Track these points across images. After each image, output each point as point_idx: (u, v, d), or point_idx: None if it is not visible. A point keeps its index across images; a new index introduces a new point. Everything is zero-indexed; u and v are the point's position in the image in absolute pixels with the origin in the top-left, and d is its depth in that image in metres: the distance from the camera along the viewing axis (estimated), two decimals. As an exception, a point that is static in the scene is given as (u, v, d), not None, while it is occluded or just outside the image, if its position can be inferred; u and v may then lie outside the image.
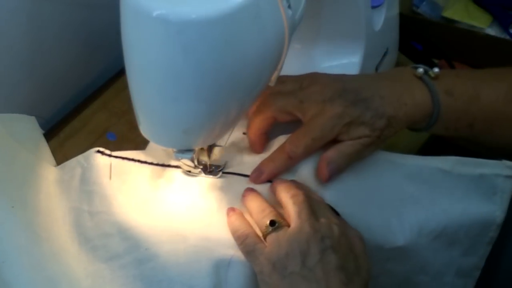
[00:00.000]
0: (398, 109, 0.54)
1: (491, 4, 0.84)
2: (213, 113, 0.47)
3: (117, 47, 0.45)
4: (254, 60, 0.45)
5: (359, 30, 0.66)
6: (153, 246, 0.50)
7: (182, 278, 0.48)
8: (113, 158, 0.57)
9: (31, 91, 0.66)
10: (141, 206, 0.55)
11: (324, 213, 0.50)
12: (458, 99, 0.55)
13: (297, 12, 0.47)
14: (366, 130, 0.53)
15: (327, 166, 0.53)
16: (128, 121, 0.67)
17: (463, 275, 0.57)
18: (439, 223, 0.55)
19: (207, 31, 0.40)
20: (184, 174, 0.57)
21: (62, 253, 0.52)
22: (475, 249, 0.57)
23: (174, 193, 0.56)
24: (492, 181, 0.56)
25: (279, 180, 0.54)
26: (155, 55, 0.42)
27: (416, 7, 0.86)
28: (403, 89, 0.55)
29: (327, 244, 0.47)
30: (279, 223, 0.49)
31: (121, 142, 0.64)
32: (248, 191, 0.54)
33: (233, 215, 0.52)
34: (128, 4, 0.41)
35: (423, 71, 0.56)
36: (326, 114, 0.53)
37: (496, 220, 0.56)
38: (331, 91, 0.54)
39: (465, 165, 0.57)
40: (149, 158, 0.58)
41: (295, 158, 0.54)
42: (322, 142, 0.54)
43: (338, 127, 0.53)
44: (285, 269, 0.46)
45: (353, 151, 0.54)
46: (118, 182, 0.56)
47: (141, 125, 0.50)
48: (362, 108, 0.53)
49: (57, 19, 0.64)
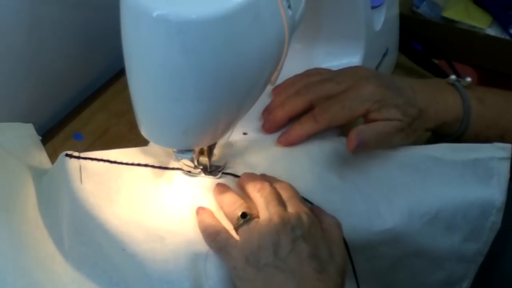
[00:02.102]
0: (429, 104, 0.55)
1: (491, 4, 0.84)
2: (213, 113, 0.47)
3: (117, 47, 0.45)
4: (254, 60, 0.45)
5: (359, 30, 0.66)
6: (129, 246, 0.50)
7: (160, 275, 0.48)
8: (82, 160, 0.54)
9: (31, 92, 0.66)
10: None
11: (293, 202, 0.50)
12: (489, 108, 0.57)
13: (297, 12, 0.47)
14: (398, 113, 0.55)
15: (357, 136, 0.54)
16: (128, 121, 0.67)
17: (465, 260, 0.57)
18: (431, 207, 0.55)
19: (207, 31, 0.40)
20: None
21: (48, 259, 0.52)
22: (477, 234, 0.56)
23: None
24: (487, 164, 0.56)
25: (245, 174, 0.54)
26: (155, 55, 0.42)
27: (416, 7, 0.86)
28: (435, 90, 0.57)
29: (297, 234, 0.47)
30: (250, 215, 0.49)
31: (121, 142, 0.64)
32: (218, 185, 0.54)
33: (203, 213, 0.52)
34: (128, 4, 0.41)
35: (455, 78, 0.58)
36: (359, 88, 0.56)
37: (495, 204, 0.55)
38: (367, 72, 0.57)
39: (457, 151, 0.57)
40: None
41: (321, 122, 0.56)
42: (350, 113, 0.55)
43: (369, 103, 0.55)
44: (258, 262, 0.46)
45: (384, 130, 0.55)
46: (91, 184, 0.53)
47: (141, 125, 0.50)
48: (395, 92, 0.55)
49: (57, 19, 0.64)
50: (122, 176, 0.54)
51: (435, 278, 0.58)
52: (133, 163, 0.55)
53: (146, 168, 0.56)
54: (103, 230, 0.50)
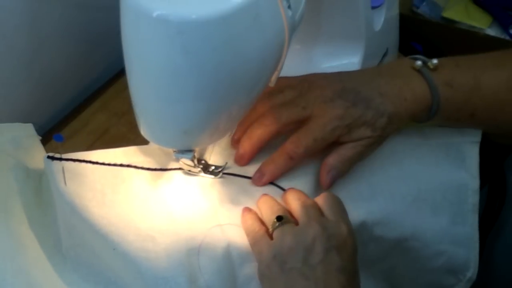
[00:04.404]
0: (399, 105, 0.54)
1: (491, 4, 0.84)
2: (213, 113, 0.47)
3: (117, 47, 0.45)
4: (254, 61, 0.45)
5: (359, 31, 0.66)
6: (119, 245, 0.50)
7: (154, 272, 0.48)
8: (64, 161, 0.54)
9: (31, 92, 0.66)
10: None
11: (334, 211, 0.50)
12: (458, 90, 0.55)
13: (297, 12, 0.47)
14: (367, 131, 0.53)
15: (327, 174, 0.54)
16: (128, 122, 0.67)
17: (461, 244, 0.58)
18: (411, 187, 0.56)
19: (207, 31, 0.40)
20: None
21: (47, 260, 0.52)
22: (462, 217, 0.58)
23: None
24: (458, 147, 0.58)
25: (290, 189, 0.54)
26: (155, 56, 0.42)
27: (416, 7, 0.86)
28: (403, 84, 0.55)
29: (332, 244, 0.47)
30: (286, 218, 0.49)
31: (121, 142, 0.64)
32: (262, 195, 0.54)
33: (248, 214, 0.52)
34: (128, 4, 0.41)
35: (421, 64, 0.55)
36: (327, 115, 0.53)
37: (469, 186, 0.58)
38: (331, 92, 0.54)
39: (430, 135, 0.59)
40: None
41: (296, 159, 0.54)
42: (323, 143, 0.54)
43: (340, 129, 0.53)
44: (285, 263, 0.46)
45: (355, 153, 0.54)
46: (76, 185, 0.53)
47: (141, 126, 0.50)
48: (362, 108, 0.53)
49: (57, 19, 0.64)
50: (106, 176, 0.54)
51: (435, 264, 0.58)
52: (115, 164, 0.54)
53: (130, 168, 0.55)
54: (93, 231, 0.50)
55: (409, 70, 0.56)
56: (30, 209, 0.55)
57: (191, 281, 0.48)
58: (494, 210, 0.77)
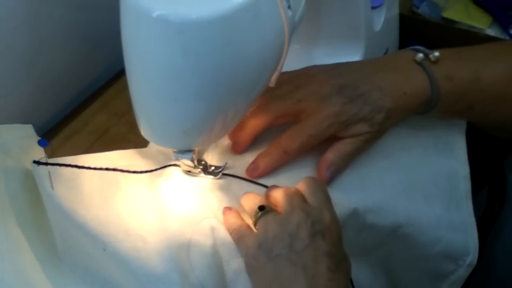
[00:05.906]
0: (398, 99, 0.54)
1: (491, 4, 0.84)
2: (213, 113, 0.47)
3: (117, 48, 0.45)
4: (254, 61, 0.45)
5: (359, 31, 0.66)
6: (109, 245, 0.50)
7: (145, 270, 0.48)
8: (51, 166, 0.53)
9: (31, 92, 0.66)
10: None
11: (317, 196, 0.50)
12: (458, 83, 0.54)
13: (297, 12, 0.47)
14: (365, 126, 0.53)
15: (327, 170, 0.54)
16: (128, 122, 0.67)
17: (458, 230, 0.58)
18: (400, 176, 0.57)
19: (207, 31, 0.40)
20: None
21: (44, 262, 0.52)
22: (457, 203, 0.58)
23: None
24: (446, 138, 0.59)
25: (272, 185, 0.54)
26: (155, 56, 0.42)
27: (416, 7, 0.86)
28: (402, 78, 0.55)
29: (316, 229, 0.46)
30: (269, 207, 0.49)
31: (121, 142, 0.64)
32: (246, 193, 0.54)
33: (229, 213, 0.52)
34: (128, 4, 0.41)
35: (423, 57, 0.55)
36: (323, 112, 0.53)
37: (460, 173, 0.58)
38: (328, 88, 0.54)
39: (418, 126, 0.59)
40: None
41: (291, 154, 0.54)
42: (319, 139, 0.54)
43: (335, 126, 0.53)
44: (270, 251, 0.46)
45: (353, 149, 0.54)
46: (63, 190, 0.53)
47: (141, 126, 0.50)
48: (360, 103, 0.53)
49: (57, 19, 0.64)
50: (93, 179, 0.54)
51: (433, 250, 0.58)
52: (101, 168, 0.54)
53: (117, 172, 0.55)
54: (82, 232, 0.50)
55: (410, 63, 0.56)
56: (28, 210, 0.55)
57: (183, 277, 0.48)
58: (494, 210, 0.77)
